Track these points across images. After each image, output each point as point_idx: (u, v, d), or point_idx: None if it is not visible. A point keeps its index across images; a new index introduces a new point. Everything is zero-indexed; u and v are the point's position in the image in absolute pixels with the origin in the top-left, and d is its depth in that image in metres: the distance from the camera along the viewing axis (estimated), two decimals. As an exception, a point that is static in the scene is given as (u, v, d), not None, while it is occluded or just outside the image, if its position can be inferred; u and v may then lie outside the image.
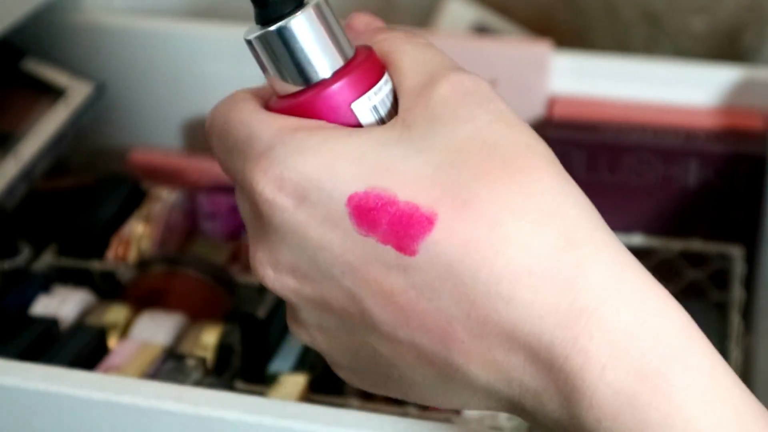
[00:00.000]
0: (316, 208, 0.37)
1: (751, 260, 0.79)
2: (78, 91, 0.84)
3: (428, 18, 1.01)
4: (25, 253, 0.79)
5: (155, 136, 0.91)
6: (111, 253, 0.79)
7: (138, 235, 0.79)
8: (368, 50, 0.40)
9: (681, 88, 0.80)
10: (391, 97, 0.40)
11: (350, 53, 0.40)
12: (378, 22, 0.44)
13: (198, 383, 0.64)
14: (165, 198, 0.83)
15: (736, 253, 0.78)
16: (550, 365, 0.35)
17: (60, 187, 0.86)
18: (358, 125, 0.39)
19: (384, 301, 0.37)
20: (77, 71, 0.86)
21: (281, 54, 0.38)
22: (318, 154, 0.37)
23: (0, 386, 0.52)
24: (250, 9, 0.39)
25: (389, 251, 0.36)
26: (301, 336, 0.41)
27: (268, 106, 0.40)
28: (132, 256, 0.78)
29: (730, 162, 0.77)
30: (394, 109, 0.39)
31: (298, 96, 0.39)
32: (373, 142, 0.37)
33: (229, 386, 0.67)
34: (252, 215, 0.39)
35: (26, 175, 0.78)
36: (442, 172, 0.36)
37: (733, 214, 0.79)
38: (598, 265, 0.35)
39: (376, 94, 0.39)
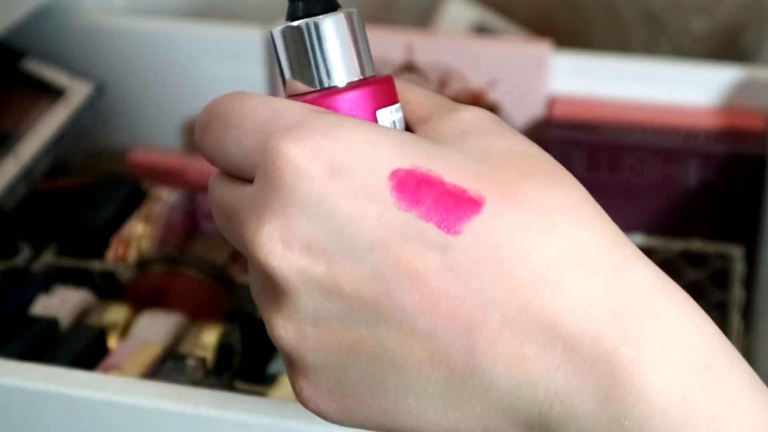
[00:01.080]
0: (351, 180, 0.35)
1: (751, 260, 0.79)
2: (78, 91, 0.84)
3: (428, 18, 1.01)
4: (25, 253, 0.79)
5: (155, 136, 0.91)
6: (111, 253, 0.79)
7: (138, 235, 0.79)
8: (387, 75, 0.41)
9: (681, 88, 0.80)
10: (403, 124, 0.40)
11: (372, 71, 0.40)
12: None
13: (198, 383, 0.64)
14: (165, 198, 0.83)
15: (736, 253, 0.78)
16: (592, 359, 0.34)
17: (60, 187, 0.86)
18: None
19: (412, 282, 0.35)
20: (77, 71, 0.86)
21: (308, 51, 0.38)
22: (358, 130, 0.36)
23: (0, 386, 0.52)
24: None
25: (430, 229, 0.35)
26: (282, 331, 0.38)
27: None
28: (132, 256, 0.78)
29: (730, 162, 0.77)
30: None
31: (319, 93, 0.38)
32: (410, 136, 0.37)
33: (229, 386, 0.67)
34: (265, 187, 0.36)
35: (26, 175, 0.78)
36: (484, 167, 0.36)
37: (733, 214, 0.79)
38: (642, 264, 0.35)
39: (396, 111, 0.39)
